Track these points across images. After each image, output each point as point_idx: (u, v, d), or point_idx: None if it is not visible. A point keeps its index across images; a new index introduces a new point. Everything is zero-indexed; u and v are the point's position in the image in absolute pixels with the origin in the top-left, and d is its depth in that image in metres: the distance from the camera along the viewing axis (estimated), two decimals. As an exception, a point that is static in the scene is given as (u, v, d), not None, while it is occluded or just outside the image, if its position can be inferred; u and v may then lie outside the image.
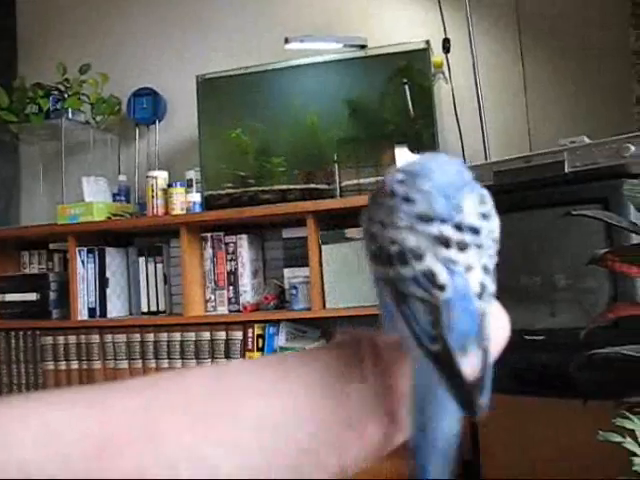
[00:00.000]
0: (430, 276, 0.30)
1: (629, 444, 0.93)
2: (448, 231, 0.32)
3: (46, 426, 0.26)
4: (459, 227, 0.32)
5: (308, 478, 0.28)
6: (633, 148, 1.77)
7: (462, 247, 0.32)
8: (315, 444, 0.28)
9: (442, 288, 0.30)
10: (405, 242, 0.30)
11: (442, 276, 0.30)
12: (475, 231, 0.33)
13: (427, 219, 0.31)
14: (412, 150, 2.73)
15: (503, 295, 1.61)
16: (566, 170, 1.89)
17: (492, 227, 0.34)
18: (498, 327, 0.34)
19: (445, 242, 0.31)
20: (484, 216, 0.34)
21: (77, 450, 0.26)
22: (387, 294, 0.31)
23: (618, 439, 0.95)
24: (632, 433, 0.96)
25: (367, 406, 0.29)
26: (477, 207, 0.34)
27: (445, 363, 0.29)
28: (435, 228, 0.31)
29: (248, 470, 0.27)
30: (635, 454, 0.94)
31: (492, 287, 0.32)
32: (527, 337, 1.94)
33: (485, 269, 0.32)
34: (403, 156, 2.75)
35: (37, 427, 0.26)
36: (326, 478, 0.29)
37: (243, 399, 0.28)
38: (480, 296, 0.31)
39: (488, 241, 0.34)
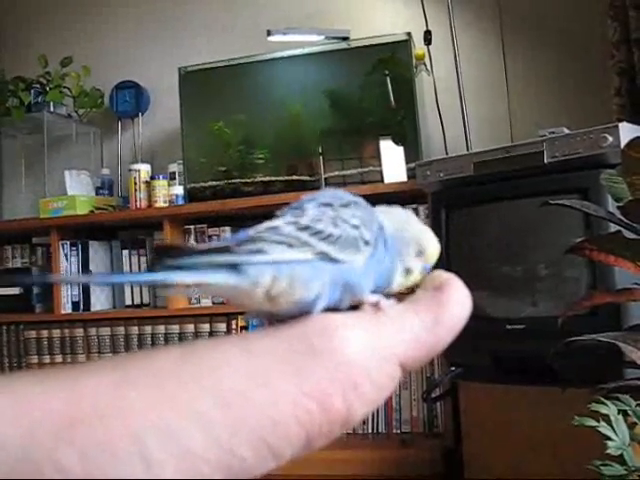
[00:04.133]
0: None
1: (603, 428, 0.95)
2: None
3: (16, 402, 0.27)
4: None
5: (274, 450, 0.29)
6: (611, 138, 1.79)
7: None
8: (280, 416, 0.29)
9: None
10: None
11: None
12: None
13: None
14: (395, 142, 2.75)
15: (485, 285, 1.62)
16: (545, 160, 1.90)
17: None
18: (457, 302, 0.35)
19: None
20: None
21: (45, 425, 0.26)
22: None
23: (593, 423, 0.97)
24: (607, 418, 0.98)
25: (329, 378, 0.30)
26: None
27: None
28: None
29: (216, 444, 0.28)
30: (609, 438, 0.95)
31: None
32: (508, 326, 1.96)
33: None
34: (387, 148, 2.76)
35: (7, 402, 0.27)
36: (292, 451, 0.30)
37: (209, 373, 0.29)
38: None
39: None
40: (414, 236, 0.41)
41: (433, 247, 0.41)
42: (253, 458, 0.28)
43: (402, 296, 0.37)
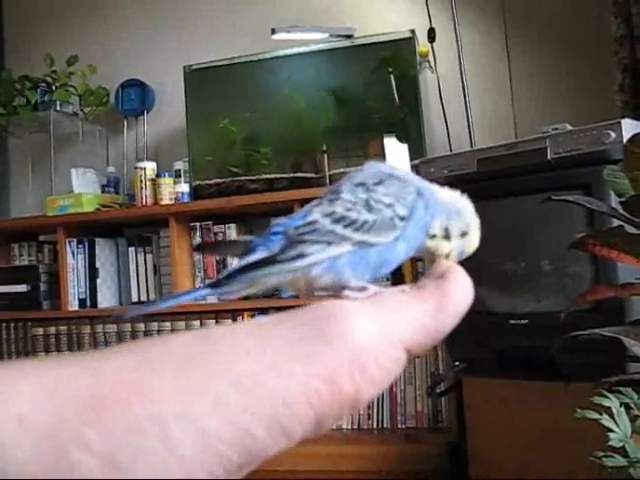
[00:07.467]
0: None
1: (605, 420, 0.96)
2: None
3: (41, 385, 0.28)
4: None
5: (285, 430, 0.30)
6: (614, 135, 1.80)
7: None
8: (291, 397, 0.30)
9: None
10: None
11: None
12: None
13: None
14: (400, 139, 2.76)
15: (488, 280, 1.63)
16: (549, 157, 1.91)
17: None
18: (459, 289, 0.37)
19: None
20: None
21: (71, 407, 0.28)
22: None
23: (595, 416, 0.98)
24: (609, 410, 0.99)
25: (338, 361, 0.32)
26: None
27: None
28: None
29: (232, 425, 0.29)
30: (611, 430, 0.97)
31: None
32: (512, 321, 1.97)
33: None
34: (391, 145, 2.77)
35: (32, 385, 0.28)
36: (302, 430, 0.31)
37: (224, 357, 0.31)
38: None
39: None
40: (463, 209, 0.45)
41: (476, 228, 0.46)
42: (266, 437, 0.30)
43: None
